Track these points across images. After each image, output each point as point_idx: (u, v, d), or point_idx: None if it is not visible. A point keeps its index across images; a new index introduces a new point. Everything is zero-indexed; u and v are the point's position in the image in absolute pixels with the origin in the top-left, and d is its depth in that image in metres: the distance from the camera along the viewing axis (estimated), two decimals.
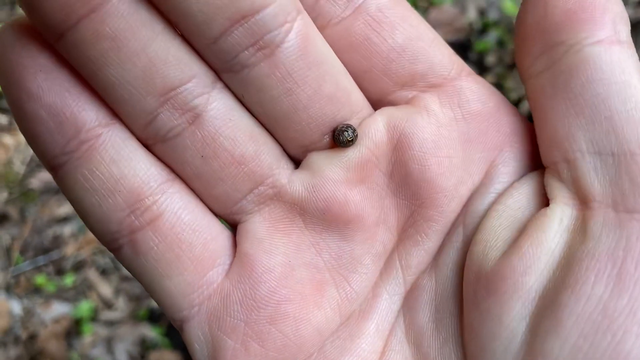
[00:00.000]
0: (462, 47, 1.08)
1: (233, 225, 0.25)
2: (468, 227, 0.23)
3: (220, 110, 0.22)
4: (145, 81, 0.21)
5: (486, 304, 0.20)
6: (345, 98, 0.23)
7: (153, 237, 0.23)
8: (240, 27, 0.21)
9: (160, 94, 0.21)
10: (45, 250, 1.06)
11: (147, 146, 0.23)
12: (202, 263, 0.23)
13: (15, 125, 1.12)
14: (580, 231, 0.19)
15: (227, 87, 0.23)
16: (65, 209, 1.08)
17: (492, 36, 1.09)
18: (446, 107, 0.23)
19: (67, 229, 1.07)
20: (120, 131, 0.22)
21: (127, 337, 1.00)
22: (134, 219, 0.22)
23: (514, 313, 0.20)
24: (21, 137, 1.12)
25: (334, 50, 0.23)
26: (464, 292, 0.22)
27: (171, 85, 0.21)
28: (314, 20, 0.22)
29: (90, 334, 1.01)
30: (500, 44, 1.09)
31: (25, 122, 0.21)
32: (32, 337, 1.01)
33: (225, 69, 0.22)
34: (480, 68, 1.05)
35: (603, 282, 0.18)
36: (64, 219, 1.08)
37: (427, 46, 0.23)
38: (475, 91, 0.23)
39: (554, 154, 0.21)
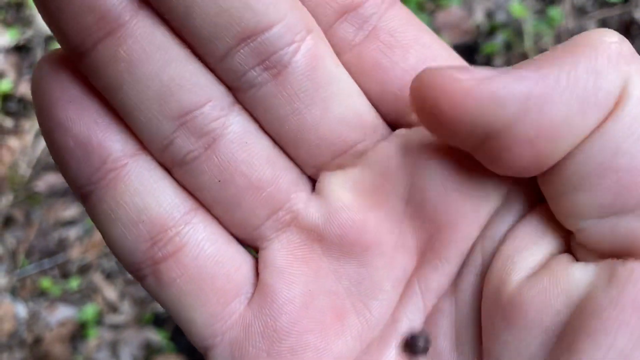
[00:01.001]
0: (469, 50, 1.07)
1: (256, 250, 0.24)
2: (486, 251, 0.22)
3: (237, 134, 0.22)
4: (161, 105, 0.21)
5: (504, 336, 0.20)
6: (356, 120, 0.23)
7: (176, 269, 0.23)
8: (246, 46, 0.21)
9: (176, 118, 0.21)
10: (51, 254, 1.06)
11: (168, 171, 0.23)
12: (225, 294, 0.23)
13: (21, 128, 1.12)
14: (605, 275, 0.19)
15: (245, 108, 0.23)
16: (71, 212, 1.08)
17: (499, 39, 1.08)
18: None
19: (72, 232, 1.07)
20: (146, 161, 0.22)
21: (132, 341, 1.00)
22: (156, 250, 0.22)
23: (533, 349, 0.19)
24: (27, 140, 1.12)
25: None
26: (482, 321, 0.22)
27: (186, 109, 0.21)
28: None
29: (95, 338, 1.01)
30: (508, 46, 1.08)
31: (56, 152, 0.22)
32: (38, 341, 1.02)
33: (234, 88, 0.22)
34: None
35: (627, 334, 0.17)
36: (70, 222, 1.08)
37: (442, 65, 0.22)
38: None
39: (566, 224, 0.20)
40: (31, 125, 1.13)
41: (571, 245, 0.21)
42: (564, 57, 0.18)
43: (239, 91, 0.22)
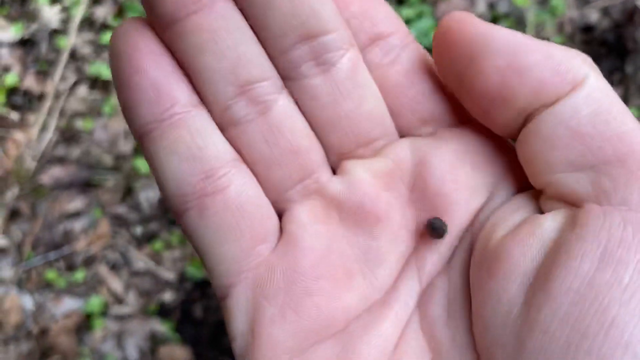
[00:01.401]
0: None
1: (279, 215, 0.28)
2: (475, 234, 0.26)
3: (285, 108, 0.27)
4: (231, 72, 0.26)
5: (487, 286, 0.23)
6: (380, 120, 0.28)
7: (221, 202, 0.26)
8: (307, 44, 0.26)
9: (240, 86, 0.26)
10: (56, 246, 1.07)
11: (221, 130, 0.27)
12: (257, 235, 0.26)
13: (26, 122, 1.13)
14: (570, 223, 0.22)
15: (291, 95, 0.27)
16: (76, 204, 1.08)
17: None
18: (463, 139, 0.27)
19: (77, 225, 1.07)
20: (206, 114, 0.27)
21: (138, 332, 1.01)
22: (207, 184, 0.26)
23: (512, 292, 0.23)
24: (32, 133, 1.12)
25: None
26: (471, 281, 0.25)
27: (250, 80, 0.26)
28: None
29: (100, 329, 1.01)
30: None
31: (128, 92, 0.25)
32: (44, 332, 1.02)
33: (289, 77, 0.27)
34: None
35: (589, 260, 0.21)
36: (75, 215, 1.08)
37: (450, 93, 0.27)
38: (487, 132, 0.27)
39: (539, 181, 0.24)
40: (36, 118, 1.13)
41: (541, 204, 0.25)
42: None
43: (291, 80, 0.27)
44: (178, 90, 0.26)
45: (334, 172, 0.28)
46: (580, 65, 0.23)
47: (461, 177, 0.26)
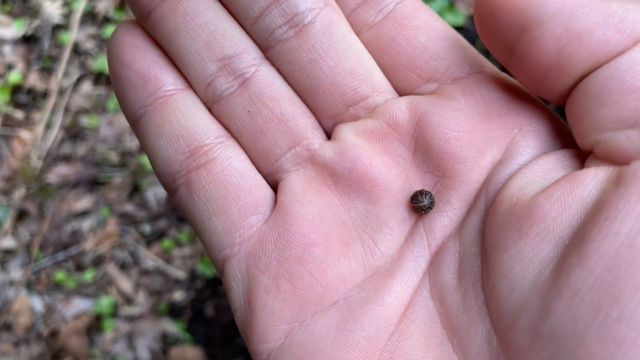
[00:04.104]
0: None
1: (275, 187, 0.28)
2: (490, 195, 0.24)
3: (265, 77, 0.27)
4: (207, 50, 0.27)
5: (517, 246, 0.22)
6: (366, 76, 0.27)
7: (206, 176, 0.27)
8: (275, 8, 0.26)
9: (218, 60, 0.27)
10: (65, 246, 1.05)
11: (208, 108, 0.28)
12: (246, 206, 0.27)
13: (32, 120, 1.11)
14: (614, 181, 0.21)
15: (272, 65, 0.28)
16: (83, 203, 1.06)
17: None
18: (466, 93, 0.26)
19: (85, 224, 1.05)
20: (192, 95, 0.28)
21: (148, 333, 0.99)
22: (192, 161, 0.27)
23: (545, 254, 0.21)
24: (37, 132, 1.10)
25: None
26: (490, 243, 0.23)
27: (227, 54, 0.27)
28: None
29: (111, 330, 1.00)
30: None
31: (119, 84, 0.27)
32: (54, 334, 1.01)
33: (267, 46, 0.27)
34: None
35: (631, 220, 0.19)
36: (82, 214, 1.06)
37: (449, 45, 0.26)
38: (494, 80, 0.26)
39: (586, 141, 0.23)
40: (41, 116, 1.11)
41: (585, 166, 0.23)
42: None
43: (268, 49, 0.27)
44: (162, 76, 0.27)
45: (330, 135, 0.28)
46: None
47: (465, 132, 0.25)
